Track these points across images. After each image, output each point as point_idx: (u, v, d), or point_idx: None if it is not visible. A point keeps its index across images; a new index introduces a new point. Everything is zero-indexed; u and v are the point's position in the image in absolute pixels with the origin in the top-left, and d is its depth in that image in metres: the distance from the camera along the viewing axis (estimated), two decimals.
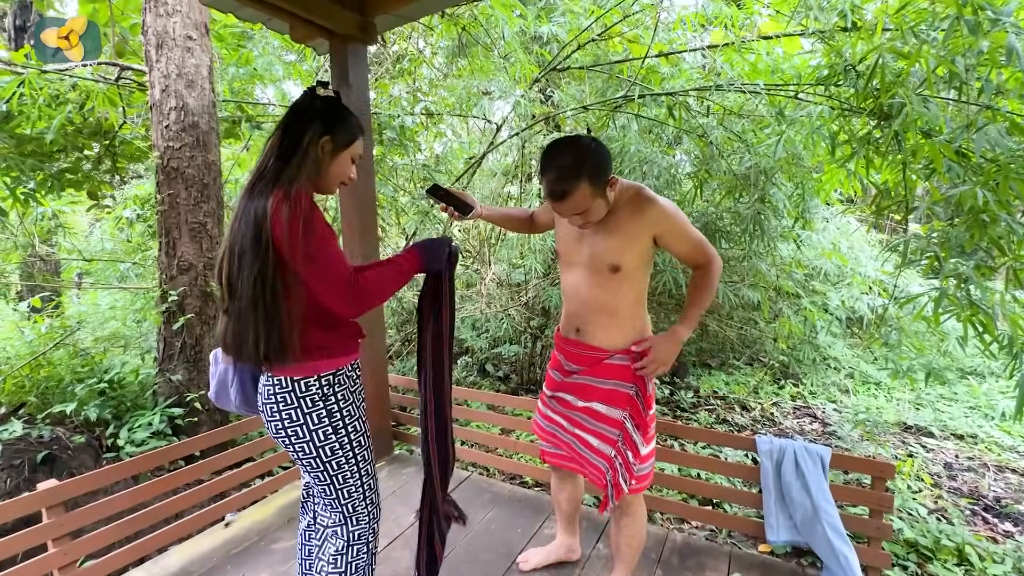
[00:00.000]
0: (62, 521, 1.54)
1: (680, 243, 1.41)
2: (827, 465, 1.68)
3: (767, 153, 3.13)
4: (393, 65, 5.08)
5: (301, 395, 1.17)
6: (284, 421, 1.18)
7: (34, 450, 2.34)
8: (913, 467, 3.26)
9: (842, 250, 4.71)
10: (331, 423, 1.20)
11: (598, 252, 1.44)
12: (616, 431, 1.45)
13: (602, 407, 1.48)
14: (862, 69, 2.56)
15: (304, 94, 1.21)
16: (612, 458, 1.45)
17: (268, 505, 2.18)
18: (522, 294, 5.23)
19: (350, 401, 1.24)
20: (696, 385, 5.32)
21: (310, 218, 1.07)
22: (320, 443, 1.19)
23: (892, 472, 1.59)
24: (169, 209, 2.88)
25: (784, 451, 1.73)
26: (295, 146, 1.13)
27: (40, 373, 3.12)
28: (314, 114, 1.16)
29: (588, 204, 1.31)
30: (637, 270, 1.43)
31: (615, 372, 1.46)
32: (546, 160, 1.32)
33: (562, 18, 3.94)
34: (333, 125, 1.17)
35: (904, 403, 4.81)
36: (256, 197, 1.08)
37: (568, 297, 1.56)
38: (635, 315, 1.48)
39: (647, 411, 1.47)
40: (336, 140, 1.18)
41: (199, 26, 2.86)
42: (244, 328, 1.09)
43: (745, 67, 3.22)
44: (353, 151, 1.23)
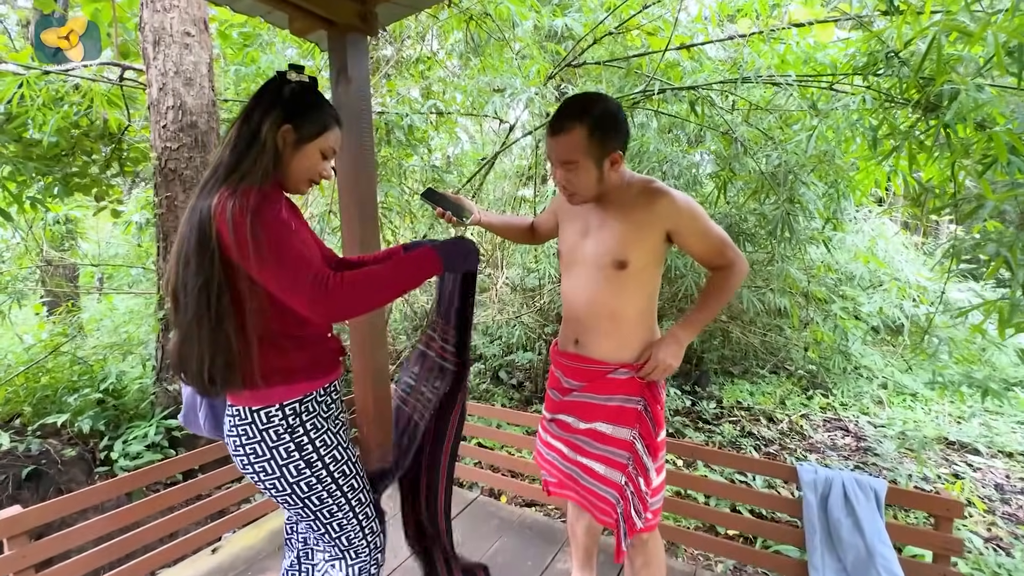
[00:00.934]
0: (24, 552, 1.41)
1: (697, 240, 1.23)
2: (883, 500, 1.46)
3: (796, 151, 2.91)
4: (407, 68, 4.96)
5: (263, 427, 1.00)
6: (249, 456, 1.02)
7: (20, 464, 2.23)
8: (963, 490, 2.98)
9: (878, 254, 4.43)
10: (302, 457, 1.03)
11: (602, 247, 1.26)
12: (626, 453, 1.25)
13: (607, 427, 1.28)
14: (906, 55, 2.34)
15: (271, 79, 1.04)
16: (623, 486, 1.25)
17: (259, 529, 2.03)
18: (536, 299, 5.06)
19: (324, 429, 1.06)
20: (719, 395, 5.07)
21: (259, 211, 0.90)
22: (293, 479, 1.03)
23: (960, 511, 1.37)
24: (167, 212, 2.77)
25: (831, 483, 1.51)
26: (252, 137, 0.98)
27: (40, 381, 3.04)
28: (276, 100, 1.00)
29: (578, 155, 1.18)
30: (645, 269, 1.25)
31: (619, 386, 1.28)
32: (563, 101, 1.22)
33: (577, 13, 3.77)
34: (297, 113, 1.01)
35: (944, 416, 4.50)
36: (204, 196, 0.94)
37: (567, 302, 1.38)
38: (642, 324, 1.30)
39: (657, 431, 1.27)
40: (300, 130, 1.01)
41: (198, 22, 2.75)
42: (188, 347, 0.95)
43: (773, 59, 3.01)
44: (323, 144, 1.05)
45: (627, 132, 1.22)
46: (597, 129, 1.16)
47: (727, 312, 5.21)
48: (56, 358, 3.20)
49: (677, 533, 1.87)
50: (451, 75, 5.17)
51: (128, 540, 1.66)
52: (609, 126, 1.18)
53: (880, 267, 4.22)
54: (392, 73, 4.75)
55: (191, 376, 0.97)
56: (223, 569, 1.81)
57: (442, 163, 4.78)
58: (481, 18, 3.64)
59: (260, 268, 0.91)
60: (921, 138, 2.29)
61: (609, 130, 1.18)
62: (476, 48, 4.24)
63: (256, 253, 0.89)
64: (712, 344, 5.31)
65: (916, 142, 2.27)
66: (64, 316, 4.32)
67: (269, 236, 0.90)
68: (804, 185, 3.11)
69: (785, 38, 3.04)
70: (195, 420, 1.15)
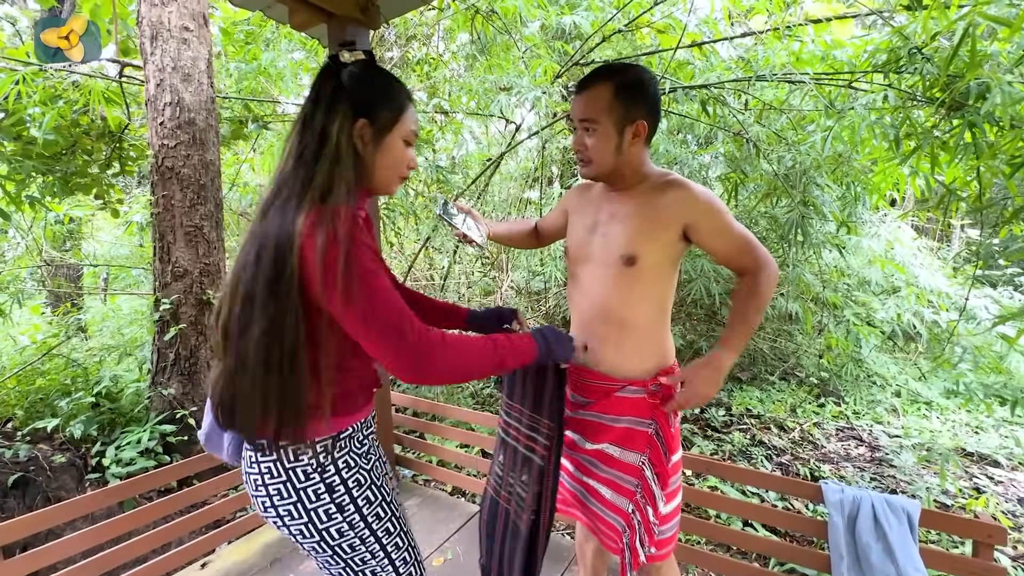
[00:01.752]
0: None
1: (718, 237, 1.10)
2: (916, 523, 1.36)
3: (810, 152, 2.81)
4: (411, 68, 4.90)
5: (290, 465, 0.87)
6: (273, 498, 0.88)
7: (7, 472, 2.16)
8: (987, 506, 2.86)
9: (895, 258, 4.31)
10: (333, 500, 0.88)
11: (611, 242, 1.16)
12: (634, 480, 1.15)
13: (615, 450, 1.18)
14: (929, 51, 2.25)
15: (324, 66, 0.88)
16: (630, 514, 1.14)
17: (251, 542, 1.94)
18: (542, 303, 4.97)
19: (356, 467, 0.92)
20: (727, 402, 4.95)
21: (353, 241, 0.76)
22: (323, 524, 0.88)
23: (1003, 537, 1.27)
24: (163, 212, 2.70)
25: (859, 503, 1.41)
26: (320, 143, 0.82)
27: (35, 383, 2.97)
28: (339, 92, 0.84)
29: (598, 115, 1.09)
30: (657, 267, 1.14)
31: (628, 407, 1.17)
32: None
33: (585, 12, 3.69)
34: (367, 101, 0.85)
35: (961, 426, 4.37)
36: (273, 218, 0.79)
37: (574, 304, 1.28)
38: (655, 333, 1.18)
39: (669, 456, 1.16)
40: (377, 122, 0.86)
41: (197, 16, 2.69)
42: (246, 396, 0.81)
43: (788, 56, 2.91)
44: (404, 130, 0.90)
45: (657, 105, 1.12)
46: (624, 90, 1.08)
47: None
48: (52, 360, 3.13)
49: (688, 552, 1.77)
50: (456, 75, 5.11)
51: (117, 553, 1.58)
52: (637, 91, 1.09)
53: (899, 272, 4.10)
54: (398, 74, 4.69)
55: (247, 430, 0.84)
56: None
57: (447, 164, 4.70)
58: (488, 15, 3.56)
59: (345, 309, 0.78)
60: (944, 138, 2.19)
61: (637, 95, 1.09)
62: (483, 47, 4.17)
63: (346, 294, 0.76)
64: None
65: (938, 142, 2.18)
66: (61, 317, 4.26)
67: (363, 275, 0.77)
68: (818, 187, 3.01)
69: (800, 35, 2.95)
70: (218, 443, 1.00)
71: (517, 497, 1.21)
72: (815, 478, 3.47)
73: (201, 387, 2.82)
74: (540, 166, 4.93)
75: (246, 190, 4.71)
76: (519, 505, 1.19)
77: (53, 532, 2.09)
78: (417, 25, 4.65)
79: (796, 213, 2.93)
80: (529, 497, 1.15)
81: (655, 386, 1.16)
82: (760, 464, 3.67)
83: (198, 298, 2.78)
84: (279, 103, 3.88)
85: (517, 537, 1.19)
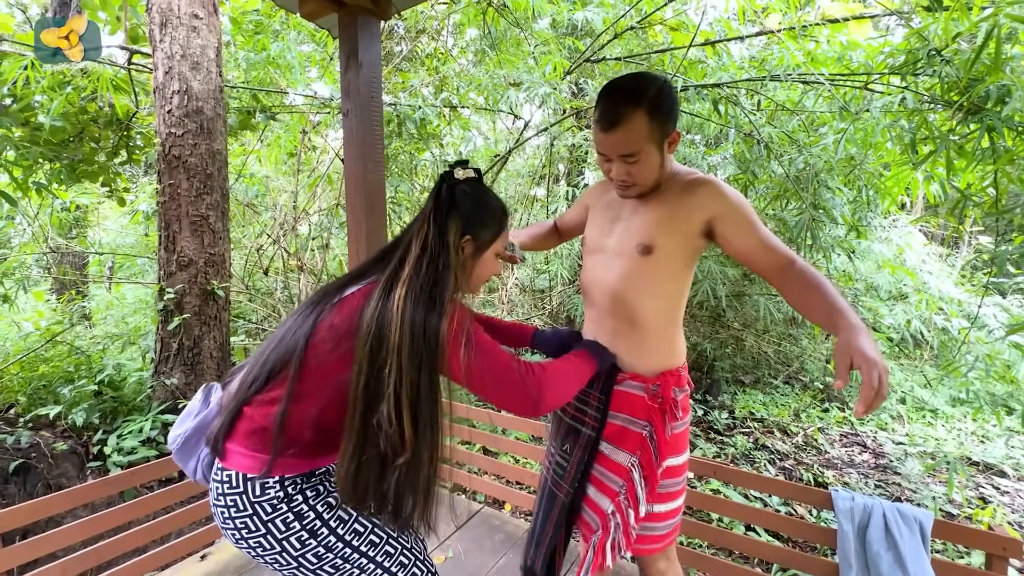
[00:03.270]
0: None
1: (742, 233, 1.04)
2: (928, 534, 1.33)
3: (822, 154, 2.77)
4: (420, 62, 4.87)
5: (255, 499, 0.87)
6: (241, 531, 0.87)
7: (9, 458, 2.15)
8: (993, 516, 2.83)
9: (905, 263, 4.26)
10: (304, 527, 0.88)
11: (630, 232, 1.13)
12: (620, 480, 1.11)
13: (606, 447, 1.14)
14: (949, 53, 2.21)
15: (442, 178, 1.00)
16: (608, 515, 1.10)
17: None
18: (546, 302, 4.94)
19: (326, 492, 0.92)
20: (731, 405, 4.93)
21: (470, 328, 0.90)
22: (297, 552, 0.88)
23: (1019, 550, 1.24)
24: (169, 200, 2.69)
25: (870, 512, 1.39)
26: (443, 243, 0.93)
27: (38, 370, 2.97)
28: (452, 208, 0.96)
29: (640, 145, 1.02)
30: (673, 260, 1.10)
31: (626, 404, 1.13)
32: (604, 90, 1.07)
33: (598, 8, 3.66)
34: (473, 222, 0.97)
35: (966, 434, 4.33)
36: (413, 304, 0.86)
37: (586, 292, 1.25)
38: (666, 331, 1.15)
39: (660, 461, 1.11)
40: (478, 239, 0.98)
41: (207, 4, 2.67)
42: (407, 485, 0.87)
43: (800, 57, 2.87)
44: (499, 247, 1.04)
45: (678, 102, 1.09)
46: (655, 111, 1.02)
47: (740, 320, 5.07)
48: (55, 347, 3.12)
49: (689, 555, 1.75)
50: (465, 70, 5.08)
51: (116, 543, 1.57)
52: (665, 105, 1.03)
53: (910, 278, 4.05)
54: (406, 67, 4.66)
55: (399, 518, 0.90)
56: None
57: (455, 159, 4.67)
58: (499, 10, 3.53)
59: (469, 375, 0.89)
60: (961, 142, 2.16)
61: (667, 108, 1.04)
62: (493, 42, 4.14)
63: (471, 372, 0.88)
64: (724, 352, 5.17)
65: (955, 146, 2.14)
66: (66, 304, 4.26)
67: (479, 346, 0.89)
68: (829, 190, 2.97)
69: (816, 35, 2.90)
70: (192, 455, 0.98)
71: (556, 466, 1.21)
72: (818, 483, 3.44)
73: (204, 377, 2.81)
74: (548, 163, 4.90)
75: (252, 181, 4.70)
76: (558, 474, 1.20)
77: (53, 520, 2.09)
78: (427, 18, 4.62)
79: (806, 216, 2.90)
80: (571, 465, 1.16)
81: (655, 387, 1.12)
82: (763, 468, 3.65)
83: (202, 288, 2.76)
84: (286, 94, 3.86)
85: (552, 505, 1.20)
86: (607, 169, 1.10)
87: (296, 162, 4.39)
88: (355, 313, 0.87)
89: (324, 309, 0.90)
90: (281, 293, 4.58)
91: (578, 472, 1.15)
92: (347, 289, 0.94)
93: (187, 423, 0.97)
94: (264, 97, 3.60)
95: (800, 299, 0.99)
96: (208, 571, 1.74)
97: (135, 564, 1.63)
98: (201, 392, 1.02)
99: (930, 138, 2.22)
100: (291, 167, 4.70)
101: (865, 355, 0.82)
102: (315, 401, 0.87)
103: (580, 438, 1.17)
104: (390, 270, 0.92)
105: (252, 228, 5.18)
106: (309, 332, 0.88)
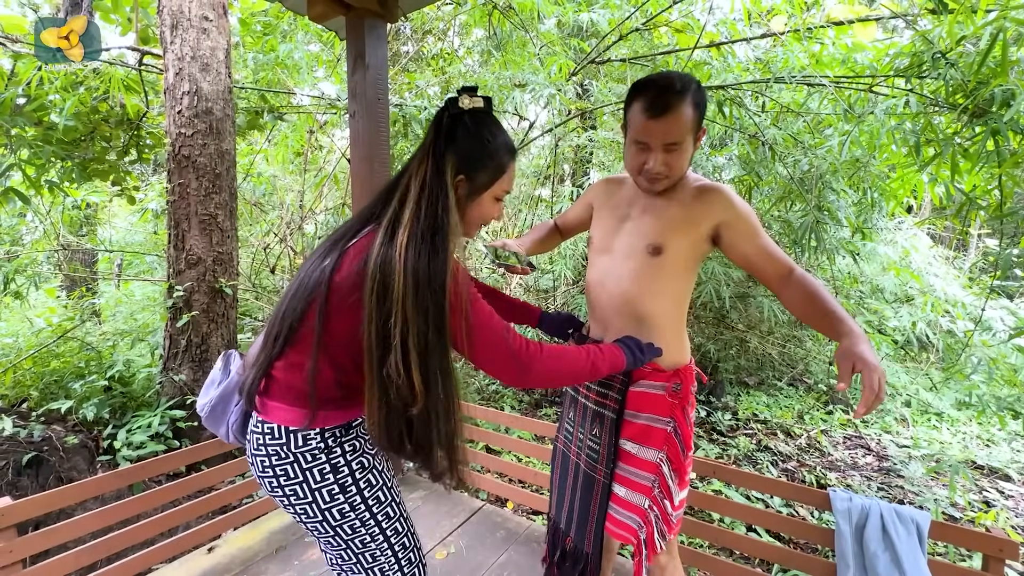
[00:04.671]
0: (11, 547, 1.35)
1: (748, 240, 1.09)
2: (925, 534, 1.34)
3: (827, 156, 2.78)
4: (426, 63, 4.90)
5: (297, 449, 0.90)
6: (280, 479, 0.91)
7: (22, 451, 2.19)
8: (996, 520, 2.82)
9: (911, 266, 4.25)
10: (336, 480, 0.92)
11: (639, 232, 1.16)
12: (651, 475, 1.15)
13: (633, 446, 1.18)
14: (954, 56, 2.21)
15: (441, 108, 0.95)
16: (646, 510, 1.15)
17: (256, 529, 1.96)
18: (550, 301, 4.96)
19: (361, 451, 0.96)
20: (734, 406, 4.92)
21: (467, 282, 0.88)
22: (326, 505, 0.92)
23: (1016, 551, 1.25)
24: (179, 199, 2.73)
25: (868, 512, 1.40)
26: (441, 186, 0.89)
27: (50, 365, 3.02)
28: (451, 139, 0.91)
29: (684, 135, 1.06)
30: (681, 262, 1.14)
31: (647, 404, 1.17)
32: (645, 81, 1.09)
33: (603, 10, 3.67)
34: (469, 161, 0.92)
35: (971, 438, 4.31)
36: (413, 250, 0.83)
37: (592, 293, 1.26)
38: (674, 330, 1.18)
39: (686, 453, 1.17)
40: (474, 181, 0.93)
41: (216, 6, 2.70)
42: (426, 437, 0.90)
43: (805, 60, 2.87)
44: (498, 190, 0.97)
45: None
46: (696, 104, 1.06)
47: (745, 321, 5.06)
48: (67, 343, 3.18)
49: (690, 555, 1.77)
50: (471, 71, 5.10)
51: (125, 535, 1.60)
52: (703, 99, 1.08)
53: (915, 280, 4.04)
54: (412, 68, 4.69)
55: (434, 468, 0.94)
56: (218, 570, 1.75)
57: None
58: (505, 11, 3.55)
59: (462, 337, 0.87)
60: (965, 145, 2.16)
61: (704, 103, 1.08)
62: (498, 43, 4.16)
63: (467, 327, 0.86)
64: (728, 353, 5.17)
65: (960, 149, 2.14)
66: (77, 301, 4.32)
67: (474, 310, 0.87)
68: (834, 192, 2.98)
69: (821, 37, 2.91)
70: (220, 422, 1.02)
71: (589, 450, 1.24)
72: (821, 486, 3.44)
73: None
74: (553, 164, 4.91)
75: (260, 180, 4.75)
76: (592, 458, 1.23)
77: (64, 512, 2.13)
78: (433, 20, 4.65)
79: (810, 218, 2.90)
80: (603, 449, 1.20)
81: (676, 385, 1.16)
82: (766, 470, 3.65)
83: (211, 286, 2.80)
84: (294, 94, 3.90)
85: (591, 488, 1.23)
86: (642, 161, 1.10)
87: (303, 161, 4.43)
88: (362, 260, 0.85)
89: (335, 258, 0.89)
90: None
91: (610, 453, 1.19)
92: (355, 235, 0.92)
93: (211, 392, 1.02)
94: (272, 97, 3.64)
95: (800, 305, 1.04)
96: (215, 563, 1.77)
97: (143, 556, 1.66)
98: (221, 360, 1.06)
99: (935, 140, 2.22)
100: (298, 166, 4.74)
101: (866, 360, 0.87)
102: (340, 352, 0.88)
103: (605, 421, 1.21)
104: (391, 212, 0.89)
105: (259, 227, 5.23)
106: (327, 283, 0.86)
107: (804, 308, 1.03)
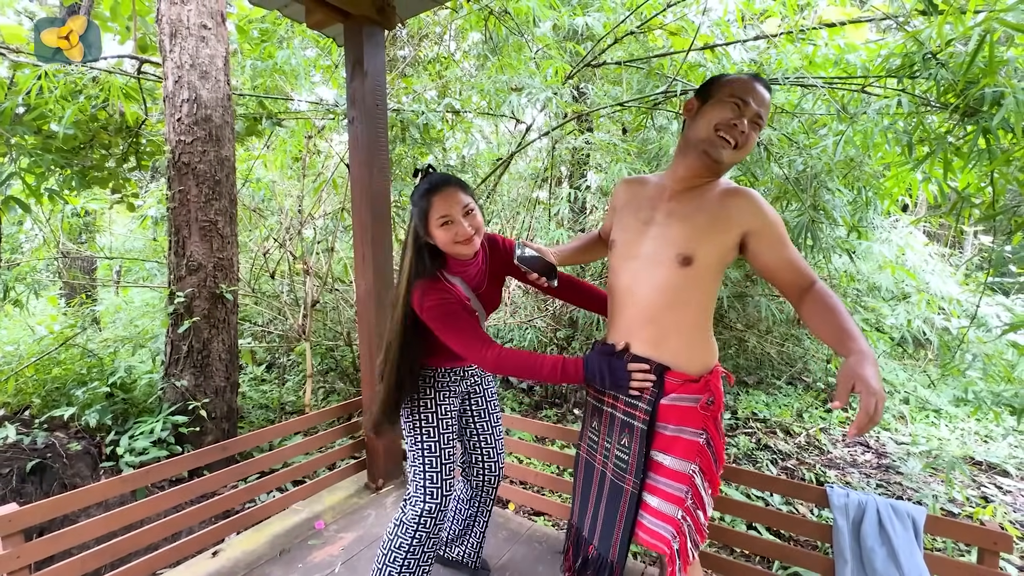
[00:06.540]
0: (19, 552, 1.36)
1: (775, 251, 1.08)
2: (920, 529, 1.36)
3: (822, 156, 2.80)
4: (423, 67, 4.93)
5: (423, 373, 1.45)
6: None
7: (25, 458, 2.20)
8: (994, 515, 2.84)
9: (906, 264, 4.28)
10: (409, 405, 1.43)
11: (667, 239, 1.13)
12: (684, 487, 1.13)
13: (666, 458, 1.15)
14: (944, 57, 2.24)
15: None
16: (679, 520, 1.12)
17: (260, 533, 1.98)
18: (549, 303, 4.97)
19: (431, 396, 1.42)
20: (733, 405, 4.94)
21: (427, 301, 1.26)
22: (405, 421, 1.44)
23: (1009, 545, 1.27)
24: (179, 206, 2.74)
25: (864, 508, 1.42)
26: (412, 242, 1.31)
27: (52, 372, 3.03)
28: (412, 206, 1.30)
29: (766, 119, 1.13)
30: (711, 271, 1.12)
31: (679, 416, 1.14)
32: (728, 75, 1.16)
33: (598, 13, 3.70)
34: (418, 214, 1.27)
35: (969, 434, 4.33)
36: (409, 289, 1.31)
37: (617, 303, 1.23)
38: (701, 336, 1.16)
39: (719, 464, 1.16)
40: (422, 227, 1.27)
41: (215, 15, 2.73)
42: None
43: (798, 60, 2.90)
44: (435, 222, 1.24)
45: None
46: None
47: (743, 320, 5.09)
48: (68, 350, 3.19)
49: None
50: (467, 75, 5.13)
51: (129, 540, 1.62)
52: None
53: (910, 278, 4.07)
54: (409, 72, 4.72)
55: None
56: (223, 573, 1.76)
57: (457, 163, 4.72)
58: (500, 15, 3.58)
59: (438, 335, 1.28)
60: (957, 144, 2.19)
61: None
62: (495, 47, 4.19)
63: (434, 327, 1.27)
64: (727, 353, 5.19)
65: (952, 148, 2.17)
66: (77, 308, 4.33)
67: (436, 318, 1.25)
68: (829, 191, 3.00)
69: (814, 39, 2.94)
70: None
71: (617, 459, 1.22)
72: (820, 483, 3.46)
73: (213, 379, 2.87)
74: (550, 166, 4.94)
75: (259, 186, 4.76)
76: (620, 468, 1.21)
77: (68, 518, 2.14)
78: (430, 25, 4.68)
79: (806, 217, 2.92)
80: (633, 459, 1.18)
81: (710, 400, 1.14)
82: (765, 468, 3.67)
83: (211, 292, 2.82)
84: (292, 100, 3.92)
85: (619, 497, 1.21)
86: (733, 117, 1.09)
87: (301, 166, 4.45)
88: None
89: None
90: (287, 296, 4.64)
91: (640, 463, 1.17)
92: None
93: None
94: (270, 104, 3.66)
95: (817, 319, 1.04)
96: (219, 567, 1.79)
97: (148, 560, 1.67)
98: None
99: (927, 139, 2.25)
100: (296, 171, 4.76)
101: (868, 384, 0.86)
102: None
103: (635, 431, 1.19)
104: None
105: (258, 232, 5.25)
106: None
107: (820, 323, 1.02)
